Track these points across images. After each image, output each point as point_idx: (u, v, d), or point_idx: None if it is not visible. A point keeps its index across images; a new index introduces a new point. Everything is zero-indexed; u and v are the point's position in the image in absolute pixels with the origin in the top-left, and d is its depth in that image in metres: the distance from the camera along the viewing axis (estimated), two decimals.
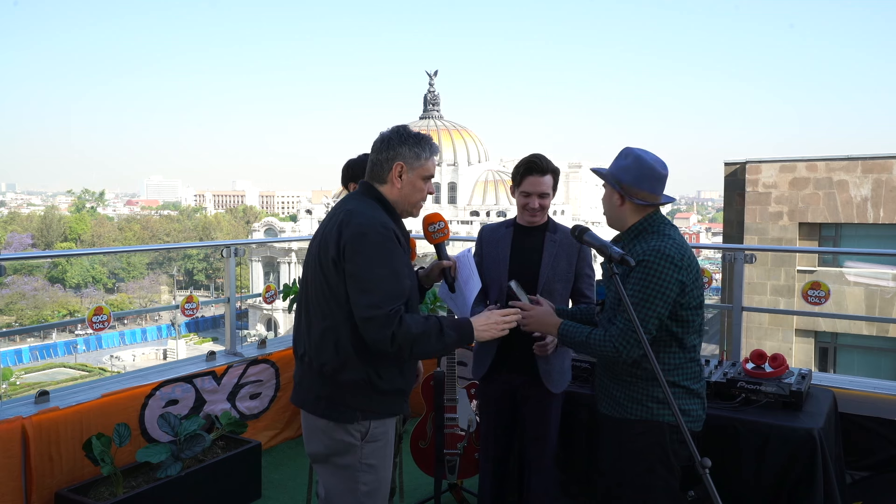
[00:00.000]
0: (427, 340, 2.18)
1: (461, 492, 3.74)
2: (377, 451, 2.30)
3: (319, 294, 2.25)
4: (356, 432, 2.26)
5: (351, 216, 2.21)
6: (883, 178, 13.05)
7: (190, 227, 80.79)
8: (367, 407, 2.26)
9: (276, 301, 5.12)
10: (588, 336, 2.39)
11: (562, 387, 3.05)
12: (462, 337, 2.26)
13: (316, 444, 2.33)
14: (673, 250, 2.29)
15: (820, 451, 2.90)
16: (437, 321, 2.23)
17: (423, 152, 2.31)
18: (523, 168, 2.96)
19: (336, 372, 2.23)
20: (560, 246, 3.00)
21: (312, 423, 2.32)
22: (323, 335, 2.24)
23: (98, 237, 69.26)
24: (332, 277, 2.20)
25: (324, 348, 2.24)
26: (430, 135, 2.37)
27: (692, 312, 2.36)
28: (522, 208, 3.00)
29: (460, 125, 60.59)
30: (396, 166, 2.28)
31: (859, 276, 13.48)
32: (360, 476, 2.28)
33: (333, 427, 2.26)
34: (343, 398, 2.25)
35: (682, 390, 2.40)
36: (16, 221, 75.24)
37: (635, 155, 2.41)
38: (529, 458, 3.09)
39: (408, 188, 2.31)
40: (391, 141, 2.30)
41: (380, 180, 2.32)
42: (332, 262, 2.19)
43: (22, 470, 3.27)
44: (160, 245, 45.12)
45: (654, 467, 2.37)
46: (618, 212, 2.45)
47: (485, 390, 3.15)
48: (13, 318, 48.40)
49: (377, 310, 2.12)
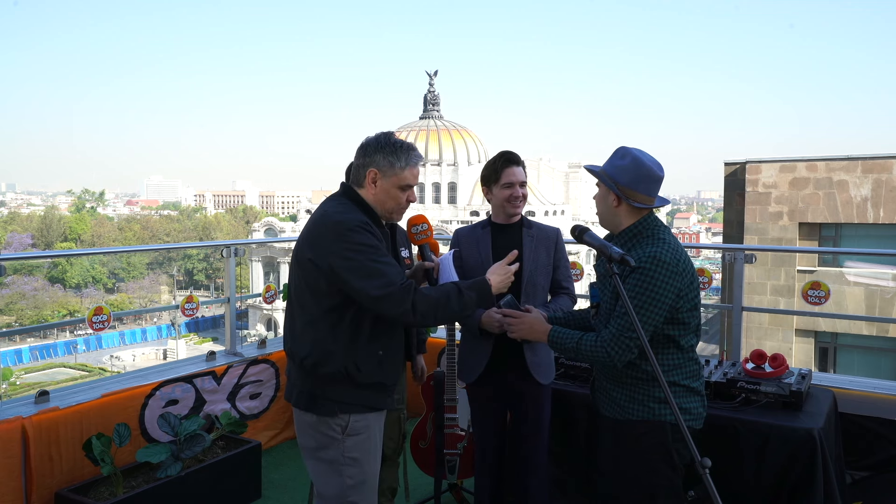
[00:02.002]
0: (448, 303, 2.24)
1: (461, 492, 3.74)
2: (359, 444, 2.34)
3: (299, 290, 2.33)
4: (336, 426, 2.32)
5: (326, 216, 2.28)
6: (883, 178, 13.04)
7: (190, 227, 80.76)
8: (345, 400, 2.31)
9: (276, 301, 5.11)
10: (579, 342, 2.38)
11: (549, 378, 3.10)
12: (481, 295, 2.31)
13: (304, 438, 2.41)
14: (668, 256, 2.28)
15: (820, 451, 2.90)
16: (453, 284, 2.30)
17: (399, 162, 2.33)
18: (500, 162, 3.04)
19: (315, 365, 2.29)
20: (538, 240, 3.07)
21: (300, 417, 2.39)
22: (303, 329, 2.32)
23: (98, 237, 69.24)
24: (310, 274, 2.26)
25: (304, 342, 2.31)
26: (413, 144, 2.40)
27: (689, 314, 2.36)
28: (506, 201, 3.03)
29: (460, 125, 60.51)
30: (370, 173, 2.33)
31: (859, 276, 13.47)
32: (344, 469, 2.34)
33: (317, 421, 2.33)
34: (323, 391, 2.31)
35: (683, 389, 2.39)
36: (16, 221, 75.22)
37: (633, 156, 2.38)
38: (525, 454, 3.11)
39: (382, 195, 2.35)
40: (368, 148, 2.35)
41: (357, 183, 2.38)
42: (307, 261, 2.26)
43: (22, 470, 3.27)
44: (160, 245, 45.17)
45: (658, 467, 2.37)
46: (612, 213, 2.42)
47: (476, 392, 3.17)
48: (13, 318, 48.38)
49: (390, 286, 2.18)
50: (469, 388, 3.20)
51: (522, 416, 3.09)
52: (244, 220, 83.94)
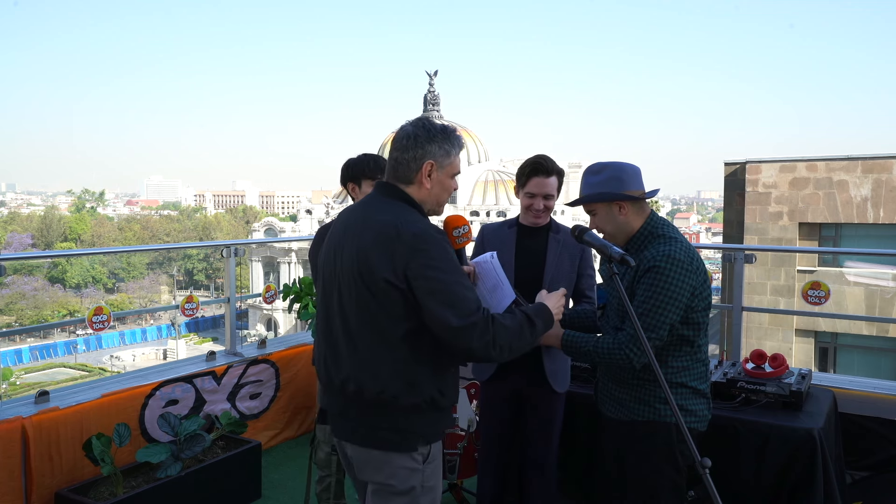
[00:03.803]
0: (522, 334, 2.04)
1: (461, 492, 3.74)
2: (435, 470, 2.16)
3: (365, 315, 2.01)
4: (419, 456, 2.08)
5: (399, 228, 1.96)
6: (883, 178, 13.05)
7: (190, 227, 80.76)
8: (431, 429, 2.09)
9: (276, 301, 5.11)
10: (595, 345, 2.37)
11: (565, 386, 3.06)
12: (546, 324, 2.14)
13: (372, 473, 2.11)
14: (682, 254, 2.29)
15: (820, 451, 2.89)
16: (522, 312, 2.09)
17: (453, 149, 2.11)
18: (528, 169, 2.94)
19: (396, 397, 2.00)
20: (564, 246, 2.99)
21: (367, 455, 2.09)
22: (374, 359, 2.01)
23: (98, 237, 69.23)
24: (385, 298, 1.96)
25: (376, 373, 2.01)
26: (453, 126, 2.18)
27: (701, 314, 2.36)
28: (526, 209, 2.98)
29: (460, 125, 60.47)
30: (427, 165, 2.07)
31: (859, 276, 13.48)
32: (420, 500, 2.10)
33: (395, 455, 2.06)
34: (408, 424, 2.04)
35: (690, 391, 2.40)
36: (16, 221, 75.22)
37: (605, 165, 2.41)
38: (533, 459, 3.09)
39: (437, 188, 2.11)
40: (419, 138, 2.07)
41: (405, 181, 2.09)
42: (383, 281, 1.95)
43: (22, 470, 3.27)
44: (160, 245, 45.10)
45: (662, 468, 2.37)
46: (623, 222, 2.40)
47: (489, 392, 3.14)
48: (13, 318, 48.38)
49: (472, 316, 1.93)
50: (482, 386, 3.17)
51: (534, 420, 3.06)
52: (244, 220, 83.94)
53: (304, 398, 4.84)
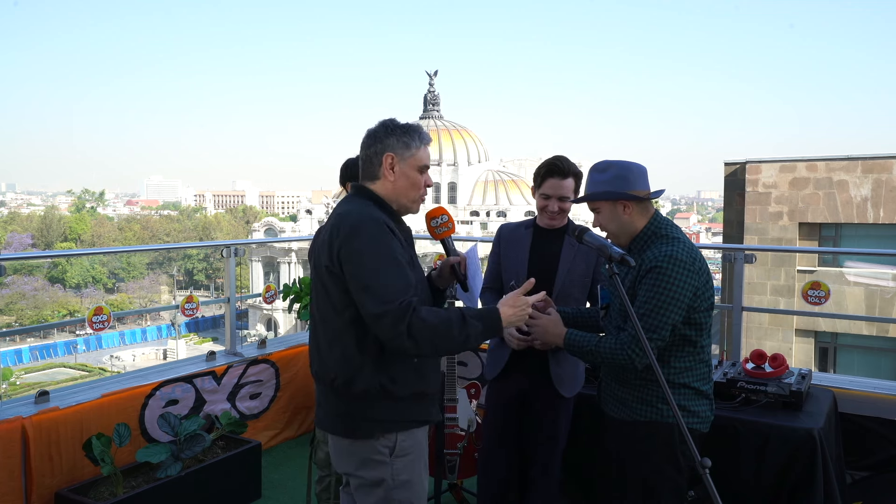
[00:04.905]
0: (448, 332, 1.99)
1: (461, 492, 3.74)
2: (409, 465, 2.15)
3: (321, 304, 2.15)
4: (384, 448, 2.12)
5: (341, 219, 2.09)
6: (883, 178, 13.05)
7: (190, 227, 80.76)
8: (386, 417, 2.11)
9: (276, 301, 5.11)
10: (598, 345, 2.36)
11: (574, 391, 3.04)
12: (489, 326, 2.07)
13: (344, 465, 2.20)
14: (685, 255, 2.28)
15: (820, 451, 2.90)
16: (458, 310, 2.05)
17: (413, 141, 2.17)
18: (544, 170, 2.91)
19: (347, 383, 2.09)
20: (578, 249, 2.94)
21: (337, 443, 2.21)
22: (328, 347, 2.13)
23: (98, 237, 69.24)
24: (329, 284, 2.09)
25: (330, 361, 2.12)
26: (419, 124, 2.25)
27: (704, 315, 2.35)
28: (542, 210, 2.95)
29: (460, 125, 60.52)
30: (386, 157, 2.15)
31: (859, 276, 13.48)
32: (395, 494, 2.13)
33: (359, 445, 2.13)
34: (360, 411, 2.11)
35: (692, 392, 2.39)
36: (16, 221, 75.23)
37: (611, 163, 2.40)
38: (538, 460, 3.07)
39: (402, 181, 2.17)
40: (377, 134, 2.17)
41: (371, 177, 2.19)
42: (325, 269, 2.08)
43: (22, 470, 3.27)
44: (160, 245, 45.06)
45: (663, 468, 2.37)
46: (627, 221, 2.39)
47: (494, 391, 3.12)
48: (13, 318, 48.40)
49: (387, 304, 1.95)
50: (488, 385, 3.16)
51: (538, 423, 3.05)
52: (244, 220, 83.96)
53: (303, 398, 4.84)
